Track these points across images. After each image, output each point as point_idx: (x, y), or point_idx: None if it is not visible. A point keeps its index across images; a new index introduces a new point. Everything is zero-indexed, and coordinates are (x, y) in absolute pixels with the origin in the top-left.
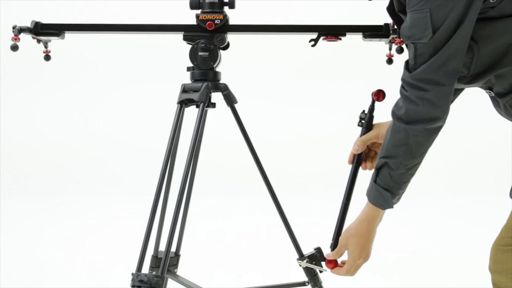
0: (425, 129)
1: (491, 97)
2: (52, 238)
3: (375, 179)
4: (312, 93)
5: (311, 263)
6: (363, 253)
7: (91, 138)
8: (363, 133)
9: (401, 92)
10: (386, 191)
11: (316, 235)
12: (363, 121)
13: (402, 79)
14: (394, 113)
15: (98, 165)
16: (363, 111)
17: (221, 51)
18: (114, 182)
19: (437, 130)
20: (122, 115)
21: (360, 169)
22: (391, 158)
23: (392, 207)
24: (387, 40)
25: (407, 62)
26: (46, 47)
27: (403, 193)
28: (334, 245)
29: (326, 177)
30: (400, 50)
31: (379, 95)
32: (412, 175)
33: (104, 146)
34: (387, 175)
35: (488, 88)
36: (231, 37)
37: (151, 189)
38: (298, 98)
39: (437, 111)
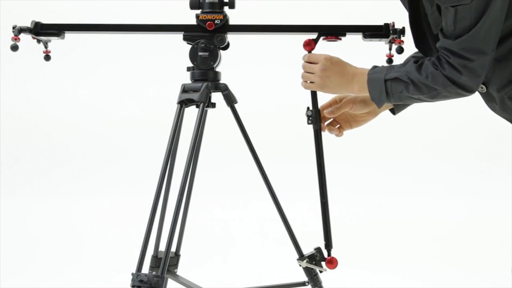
0: (458, 93)
1: (483, 94)
2: (50, 236)
3: (387, 79)
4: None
5: (311, 263)
6: (328, 66)
7: (90, 140)
8: (318, 127)
9: (442, 57)
10: (387, 95)
11: (316, 234)
12: (311, 118)
13: (443, 47)
14: (435, 64)
15: (97, 165)
16: (308, 108)
17: (221, 51)
18: (114, 183)
19: (464, 96)
20: (121, 116)
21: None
22: (415, 86)
23: (378, 106)
24: (387, 40)
25: (441, 30)
26: (46, 47)
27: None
28: (327, 245)
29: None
30: (400, 50)
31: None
32: (415, 103)
33: (103, 147)
34: (398, 90)
35: (482, 83)
36: (231, 37)
37: (151, 189)
38: (298, 99)
39: (476, 81)
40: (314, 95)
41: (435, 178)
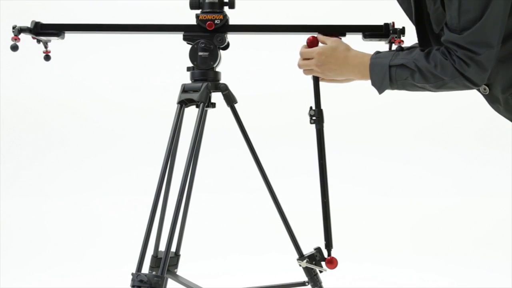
0: (465, 85)
1: (487, 95)
2: (49, 236)
3: (392, 65)
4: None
5: (311, 263)
6: (323, 60)
7: (90, 140)
8: (320, 127)
9: (448, 51)
10: (390, 81)
11: (316, 234)
12: (314, 118)
13: (449, 41)
14: (445, 55)
15: (97, 166)
16: (310, 107)
17: (221, 51)
18: (113, 182)
19: (470, 89)
20: (120, 116)
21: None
22: (421, 75)
23: (379, 92)
24: (387, 40)
25: (446, 24)
26: (46, 47)
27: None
28: (327, 245)
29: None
30: (400, 50)
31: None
32: (417, 91)
33: (103, 147)
34: (403, 77)
35: (485, 84)
36: (231, 37)
37: (151, 189)
38: (299, 100)
39: (482, 75)
40: (317, 95)
41: (432, 167)
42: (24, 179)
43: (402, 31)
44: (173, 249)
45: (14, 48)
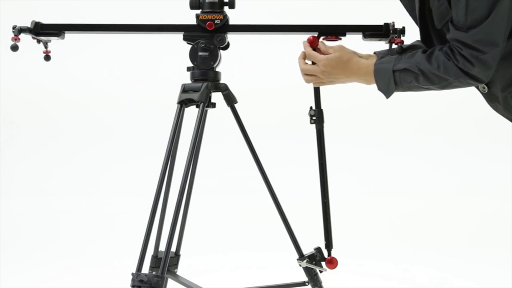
0: (469, 83)
1: (486, 94)
2: (49, 236)
3: (396, 70)
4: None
5: (311, 263)
6: (329, 71)
7: (89, 142)
8: (320, 127)
9: (453, 49)
10: (396, 85)
11: (316, 233)
12: (314, 118)
13: (455, 39)
14: (448, 55)
15: (97, 166)
16: (311, 107)
17: (221, 51)
18: (113, 183)
19: (474, 86)
20: (120, 116)
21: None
22: (425, 77)
23: (386, 97)
24: (387, 40)
25: (451, 21)
26: (46, 47)
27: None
28: (327, 245)
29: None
30: (400, 50)
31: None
32: (424, 91)
33: (103, 147)
34: (408, 80)
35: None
36: (231, 37)
37: (151, 189)
38: (299, 98)
39: (487, 73)
40: (317, 95)
41: (432, 161)
42: (22, 177)
43: (402, 31)
44: (173, 249)
45: (14, 48)
